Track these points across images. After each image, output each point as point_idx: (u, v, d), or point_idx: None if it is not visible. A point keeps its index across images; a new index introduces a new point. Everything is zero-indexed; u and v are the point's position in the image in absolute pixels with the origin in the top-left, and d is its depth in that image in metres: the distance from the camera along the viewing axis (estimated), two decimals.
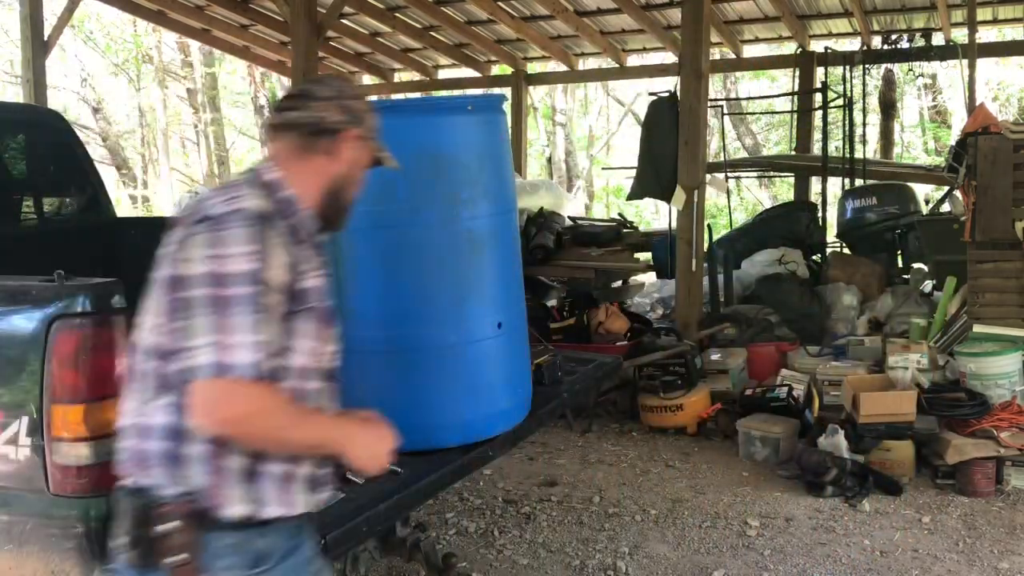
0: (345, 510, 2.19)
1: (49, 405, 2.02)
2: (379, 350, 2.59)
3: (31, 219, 4.73)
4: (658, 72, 10.47)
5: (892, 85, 11.11)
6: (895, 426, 4.63)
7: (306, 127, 1.82)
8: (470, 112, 2.67)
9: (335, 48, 10.83)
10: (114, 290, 2.08)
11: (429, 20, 9.63)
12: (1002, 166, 5.17)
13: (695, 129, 6.18)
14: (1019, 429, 4.55)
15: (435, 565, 3.20)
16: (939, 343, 5.46)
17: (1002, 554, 3.84)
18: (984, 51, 8.59)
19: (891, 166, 9.61)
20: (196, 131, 20.05)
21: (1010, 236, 5.18)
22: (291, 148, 1.83)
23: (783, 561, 3.82)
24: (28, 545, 2.10)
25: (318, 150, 1.83)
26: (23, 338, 2.06)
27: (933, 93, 16.99)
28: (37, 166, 4.77)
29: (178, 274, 1.62)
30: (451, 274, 2.58)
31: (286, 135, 1.83)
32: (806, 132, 9.33)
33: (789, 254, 7.11)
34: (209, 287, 1.57)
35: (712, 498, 4.52)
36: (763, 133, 18.88)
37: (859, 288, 6.71)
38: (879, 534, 4.06)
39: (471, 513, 4.40)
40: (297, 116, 1.83)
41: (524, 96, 10.95)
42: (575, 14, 9.04)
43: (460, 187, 2.57)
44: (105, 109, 19.99)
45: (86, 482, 2.03)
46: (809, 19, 9.04)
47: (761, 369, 6.09)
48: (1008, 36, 11.35)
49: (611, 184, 19.69)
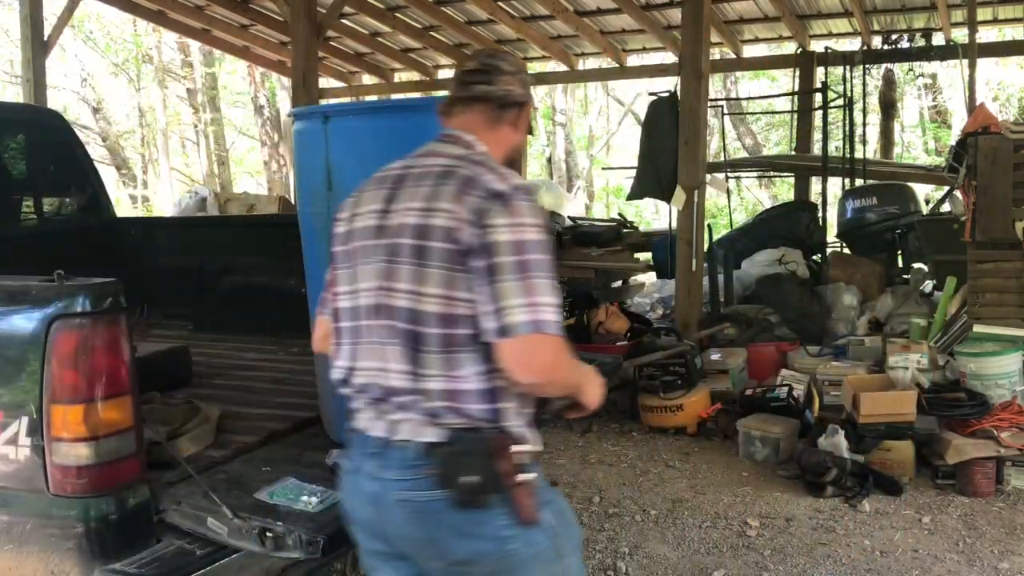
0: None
1: (49, 405, 2.02)
2: None
3: (31, 219, 4.74)
4: (658, 72, 10.48)
5: (892, 85, 11.12)
6: (895, 426, 4.63)
7: (496, 100, 1.93)
8: None
9: (335, 48, 10.84)
10: (114, 290, 2.08)
11: (429, 20, 9.63)
12: (1002, 166, 5.17)
13: (695, 129, 6.18)
14: (1019, 429, 4.54)
15: None
16: (939, 343, 5.46)
17: (1002, 554, 3.84)
18: (984, 51, 8.60)
19: (891, 166, 9.62)
20: (196, 131, 20.06)
21: (1010, 236, 5.18)
22: (481, 119, 1.93)
23: (783, 561, 3.82)
24: (28, 545, 2.10)
25: (504, 121, 1.96)
26: (23, 338, 2.06)
27: (933, 93, 17.00)
28: (37, 166, 4.77)
29: (485, 242, 1.70)
30: None
31: (476, 107, 1.94)
32: (806, 132, 9.34)
33: (789, 254, 7.11)
34: (516, 255, 1.70)
35: (712, 498, 4.52)
36: (763, 133, 18.90)
37: (859, 288, 6.71)
38: (879, 534, 4.06)
39: None
40: (488, 90, 1.93)
41: None
42: (575, 14, 9.05)
43: None
44: (105, 109, 20.01)
45: (86, 482, 2.04)
46: (809, 19, 9.04)
47: (761, 369, 6.09)
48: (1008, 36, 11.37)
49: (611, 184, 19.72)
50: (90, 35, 18.61)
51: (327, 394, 2.76)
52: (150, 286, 4.53)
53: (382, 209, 1.85)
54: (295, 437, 2.80)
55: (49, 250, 4.29)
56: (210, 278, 4.52)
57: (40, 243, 4.43)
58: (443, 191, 1.77)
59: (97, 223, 4.77)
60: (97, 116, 19.70)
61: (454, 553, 1.76)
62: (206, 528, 2.13)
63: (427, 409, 1.74)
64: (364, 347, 1.83)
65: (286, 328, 3.99)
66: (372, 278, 1.82)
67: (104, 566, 2.04)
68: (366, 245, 1.84)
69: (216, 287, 4.50)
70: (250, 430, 2.79)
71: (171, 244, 4.83)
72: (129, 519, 2.10)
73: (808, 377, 5.47)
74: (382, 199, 1.86)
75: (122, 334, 2.07)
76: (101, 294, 2.05)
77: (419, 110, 2.75)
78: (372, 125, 2.60)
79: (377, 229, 1.83)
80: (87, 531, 2.04)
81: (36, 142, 4.71)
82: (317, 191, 2.60)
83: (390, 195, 1.85)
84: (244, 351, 3.99)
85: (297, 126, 2.72)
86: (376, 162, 2.52)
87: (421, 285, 1.74)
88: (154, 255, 4.75)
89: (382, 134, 2.54)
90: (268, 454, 2.62)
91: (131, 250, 4.74)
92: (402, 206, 1.81)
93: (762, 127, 18.70)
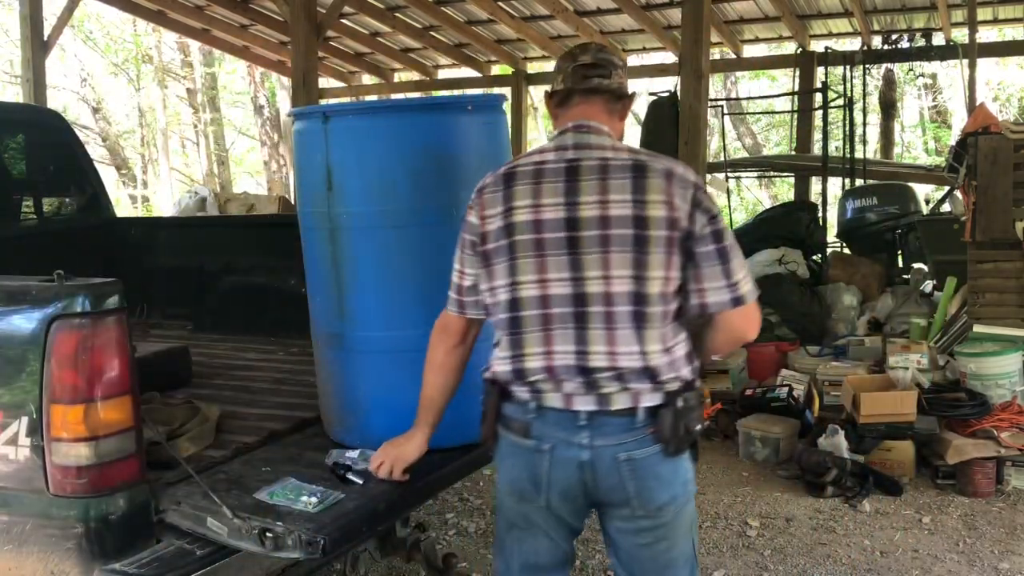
0: (345, 510, 2.19)
1: (48, 405, 2.02)
2: (379, 350, 2.59)
3: (31, 219, 4.73)
4: (658, 72, 10.47)
5: (892, 85, 11.13)
6: (895, 426, 4.63)
7: (613, 92, 2.11)
8: (470, 112, 2.66)
9: (335, 48, 10.84)
10: (114, 290, 2.07)
11: (429, 20, 9.63)
12: (1002, 166, 5.17)
13: (695, 129, 6.18)
14: (1019, 429, 4.55)
15: (435, 565, 3.20)
16: (939, 343, 5.46)
17: (1002, 554, 3.84)
18: (984, 51, 8.60)
19: (891, 166, 9.63)
20: (196, 131, 20.06)
21: (1010, 236, 5.18)
22: (600, 110, 2.10)
23: (783, 561, 3.82)
24: (28, 545, 2.10)
25: (616, 112, 2.13)
26: (23, 338, 2.05)
27: (933, 93, 17.00)
28: (37, 166, 4.77)
29: (714, 230, 1.98)
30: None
31: (595, 98, 2.09)
32: (806, 132, 9.34)
33: (789, 254, 7.11)
34: (731, 239, 2.01)
35: (712, 498, 4.52)
36: (763, 133, 18.89)
37: (859, 288, 6.71)
38: (879, 534, 4.06)
39: (471, 513, 4.40)
40: (607, 83, 2.10)
41: (524, 96, 10.95)
42: (575, 14, 9.04)
43: (460, 187, 2.56)
44: (105, 109, 20.01)
45: (86, 482, 2.03)
46: (809, 19, 9.04)
47: (761, 369, 6.09)
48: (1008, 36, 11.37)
49: None
50: (90, 35, 18.61)
51: (327, 394, 2.76)
52: (150, 286, 4.53)
53: (567, 202, 1.97)
54: (295, 437, 2.79)
55: (49, 250, 4.28)
56: (210, 278, 4.51)
57: (40, 243, 4.43)
58: (650, 184, 1.97)
59: (97, 223, 4.77)
60: (97, 116, 19.70)
61: (656, 500, 2.01)
62: (206, 528, 2.12)
63: (650, 377, 1.96)
64: (558, 332, 1.98)
65: (286, 328, 3.98)
66: (566, 268, 1.97)
67: (104, 566, 2.04)
68: (556, 237, 1.97)
69: (216, 287, 4.49)
70: (250, 430, 2.79)
71: (171, 244, 4.82)
72: (129, 519, 2.09)
73: (808, 377, 5.48)
74: (560, 193, 1.98)
75: (122, 334, 2.06)
76: (101, 294, 2.04)
77: (419, 110, 2.75)
78: (372, 125, 2.58)
79: (568, 222, 1.97)
80: (87, 531, 2.04)
81: (36, 142, 4.70)
82: (317, 191, 2.59)
83: (569, 188, 1.98)
84: (244, 351, 3.99)
85: (297, 126, 2.71)
86: (376, 162, 2.54)
87: (644, 270, 1.94)
88: (154, 255, 4.75)
89: (382, 134, 2.54)
90: (268, 454, 2.61)
91: (131, 250, 4.73)
92: (596, 198, 1.97)
93: (762, 127, 18.69)
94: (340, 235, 2.55)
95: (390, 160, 2.52)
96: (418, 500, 2.74)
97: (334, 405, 2.71)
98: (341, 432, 2.67)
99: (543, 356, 1.99)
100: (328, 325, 2.67)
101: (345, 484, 2.32)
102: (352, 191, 2.54)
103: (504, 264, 2.02)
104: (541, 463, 2.03)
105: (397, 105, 3.70)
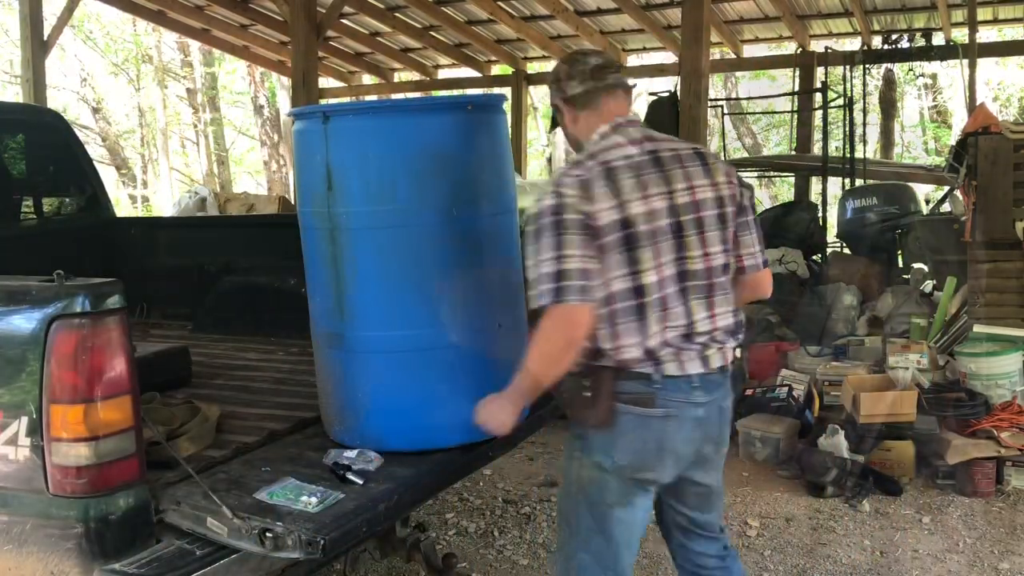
0: (345, 510, 2.19)
1: (48, 405, 2.02)
2: (379, 350, 2.58)
3: (31, 219, 4.73)
4: (658, 72, 10.48)
5: (892, 85, 11.13)
6: (895, 426, 4.63)
7: (628, 87, 2.37)
8: (470, 112, 2.66)
9: (335, 48, 10.84)
10: (114, 290, 2.07)
11: (429, 20, 9.64)
12: (1002, 166, 5.17)
13: (695, 129, 6.18)
14: (1019, 429, 4.54)
15: (435, 565, 3.20)
16: (939, 343, 5.46)
17: (1002, 554, 3.84)
18: (984, 51, 8.60)
19: (891, 166, 9.62)
20: (196, 131, 20.05)
21: (1010, 236, 5.18)
22: (624, 104, 2.34)
23: (783, 561, 3.82)
24: (28, 545, 2.10)
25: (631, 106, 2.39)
26: (22, 338, 2.05)
27: (933, 93, 17.00)
28: (37, 166, 4.77)
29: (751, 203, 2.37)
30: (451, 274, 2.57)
31: (617, 94, 2.32)
32: (806, 132, 9.34)
33: (789, 254, 7.11)
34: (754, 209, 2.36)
35: None
36: (763, 133, 18.89)
37: (859, 288, 6.70)
38: (879, 534, 4.06)
39: (471, 513, 4.40)
40: (623, 80, 2.36)
41: (524, 96, 10.96)
42: (575, 14, 9.05)
43: (460, 187, 2.56)
44: (105, 109, 20.01)
45: (85, 482, 2.03)
46: (809, 19, 9.04)
47: (761, 369, 6.08)
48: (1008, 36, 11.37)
49: None
50: (90, 35, 18.61)
51: (327, 394, 2.76)
52: (150, 286, 4.52)
53: (668, 191, 2.20)
54: (295, 437, 2.79)
55: (49, 250, 4.28)
56: (210, 278, 4.51)
57: (40, 243, 4.42)
58: (714, 168, 2.29)
59: (97, 223, 4.77)
60: (97, 116, 19.70)
61: (726, 440, 2.43)
62: (206, 528, 2.12)
63: (733, 335, 2.31)
64: (673, 309, 2.21)
65: (286, 328, 3.98)
66: (673, 251, 2.20)
67: (104, 566, 2.04)
68: (665, 224, 2.18)
69: (216, 287, 4.48)
70: (250, 430, 2.79)
71: (171, 244, 4.82)
72: (129, 519, 2.09)
73: (808, 377, 5.47)
74: (660, 183, 2.20)
75: (122, 334, 2.06)
76: (101, 294, 2.04)
77: (419, 110, 2.74)
78: (372, 125, 2.58)
79: (670, 209, 2.19)
80: (87, 531, 2.04)
81: (36, 142, 4.70)
82: (317, 191, 2.59)
83: (664, 178, 2.21)
84: (244, 351, 3.98)
85: (297, 126, 2.71)
86: (376, 162, 2.54)
87: (726, 244, 2.28)
88: (154, 255, 4.75)
89: (382, 134, 2.54)
90: (268, 454, 2.62)
91: (131, 250, 4.73)
92: (684, 185, 2.22)
93: (762, 127, 18.69)
94: (340, 235, 2.55)
95: (390, 160, 2.52)
96: (418, 500, 2.74)
97: (334, 405, 2.71)
98: (341, 432, 2.67)
99: (664, 332, 2.20)
100: (328, 325, 2.67)
101: (344, 484, 2.32)
102: (352, 191, 2.53)
103: (622, 255, 2.14)
104: (667, 428, 2.24)
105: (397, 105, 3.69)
